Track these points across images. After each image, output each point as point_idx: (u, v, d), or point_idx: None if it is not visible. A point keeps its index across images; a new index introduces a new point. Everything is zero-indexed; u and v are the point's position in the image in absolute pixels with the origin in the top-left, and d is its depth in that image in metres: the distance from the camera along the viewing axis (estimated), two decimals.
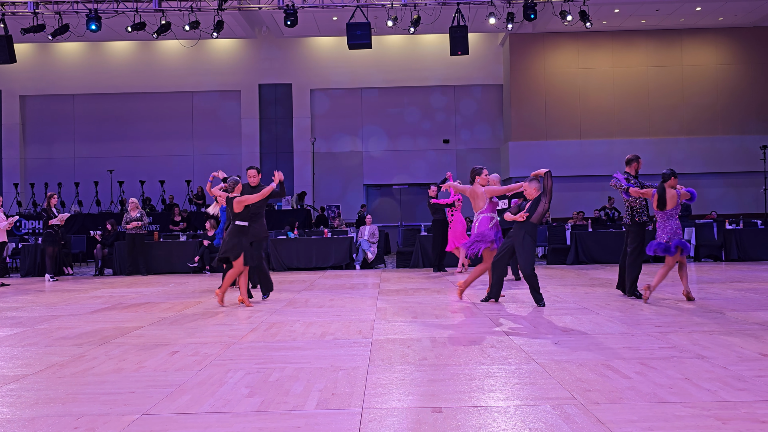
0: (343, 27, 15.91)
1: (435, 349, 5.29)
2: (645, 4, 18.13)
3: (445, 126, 21.94)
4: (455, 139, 21.91)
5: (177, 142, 21.86)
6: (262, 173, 9.36)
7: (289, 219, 17.07)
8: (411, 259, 14.44)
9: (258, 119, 21.83)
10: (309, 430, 3.33)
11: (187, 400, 3.91)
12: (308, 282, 11.59)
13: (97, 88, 21.67)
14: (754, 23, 20.09)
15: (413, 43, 21.52)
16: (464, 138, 21.93)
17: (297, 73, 21.72)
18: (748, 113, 20.15)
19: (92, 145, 21.79)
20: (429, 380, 4.28)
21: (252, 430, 3.36)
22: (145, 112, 21.88)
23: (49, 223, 12.94)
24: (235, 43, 21.65)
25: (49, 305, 8.85)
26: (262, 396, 3.97)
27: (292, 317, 7.19)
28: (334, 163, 21.80)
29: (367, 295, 9.19)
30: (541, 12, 16.75)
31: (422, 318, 6.95)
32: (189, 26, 16.05)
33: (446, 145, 21.88)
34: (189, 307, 8.31)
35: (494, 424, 3.33)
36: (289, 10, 15.53)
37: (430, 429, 3.31)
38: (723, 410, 3.49)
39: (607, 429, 3.22)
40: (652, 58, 20.55)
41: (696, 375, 4.23)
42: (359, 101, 22.00)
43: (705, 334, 5.68)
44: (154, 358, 5.14)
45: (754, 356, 4.76)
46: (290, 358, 5.03)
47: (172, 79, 21.65)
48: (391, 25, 16.01)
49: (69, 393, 4.14)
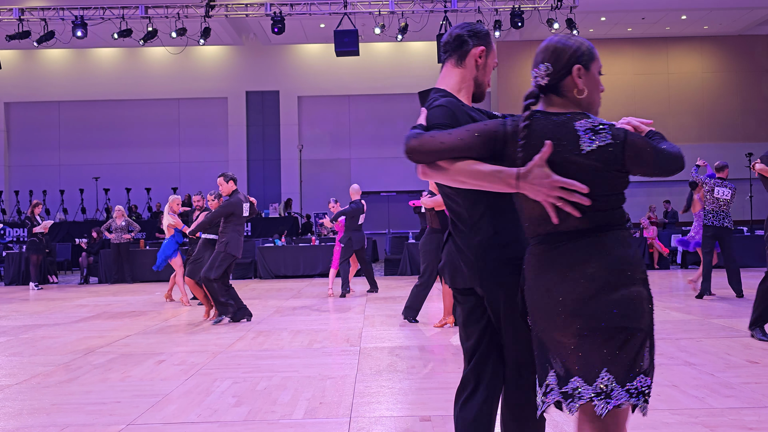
0: (331, 34, 15.91)
1: (423, 357, 5.27)
2: (631, 13, 18.28)
3: None
4: None
5: (163, 150, 21.73)
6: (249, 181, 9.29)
7: (277, 227, 17.02)
8: (399, 267, 14.42)
9: (245, 126, 21.75)
10: None
11: (174, 410, 3.87)
12: (296, 290, 11.53)
13: (82, 95, 21.52)
14: (739, 32, 20.31)
15: (401, 51, 21.56)
16: None
17: (284, 80, 21.68)
18: (734, 121, 20.34)
19: (78, 153, 21.62)
20: (417, 389, 4.26)
21: None
22: (131, 119, 21.73)
23: (34, 231, 12.81)
24: (222, 50, 21.59)
25: (34, 314, 8.74)
26: (249, 405, 3.93)
27: (280, 326, 7.14)
28: (321, 170, 21.75)
29: (355, 303, 9.16)
30: (528, 20, 16.83)
31: (411, 326, 6.93)
32: (176, 33, 15.99)
33: None
34: (175, 315, 8.25)
35: None
36: (276, 17, 15.51)
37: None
38: (710, 417, 3.49)
39: None
40: (639, 66, 20.72)
41: (684, 382, 4.24)
42: (347, 108, 21.99)
43: (692, 341, 5.70)
44: (140, 368, 5.09)
45: (741, 363, 4.78)
46: (278, 367, 4.99)
47: (159, 86, 21.54)
48: (378, 32, 16.03)
49: (54, 403, 4.09)
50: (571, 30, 16.07)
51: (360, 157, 21.81)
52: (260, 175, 21.56)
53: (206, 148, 21.73)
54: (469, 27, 2.31)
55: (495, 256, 2.13)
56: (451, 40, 2.30)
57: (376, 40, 19.60)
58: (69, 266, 16.70)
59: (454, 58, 2.29)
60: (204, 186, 19.95)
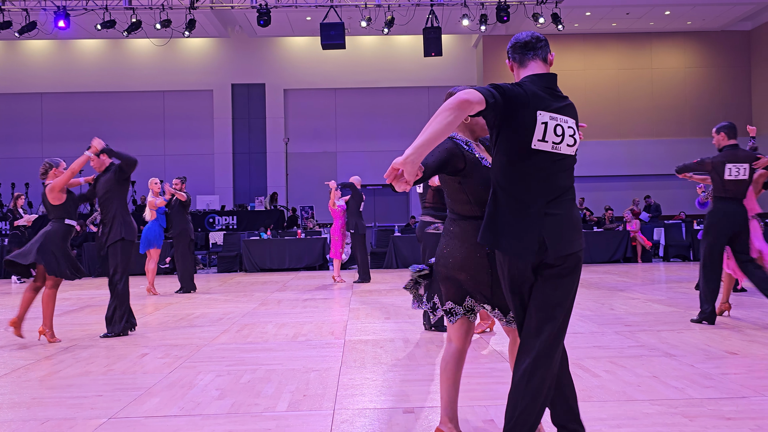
0: (317, 27, 15.83)
1: (407, 349, 5.29)
2: (616, 8, 18.36)
3: (419, 127, 21.61)
4: None
5: (148, 142, 21.55)
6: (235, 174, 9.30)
7: (263, 220, 16.96)
8: (384, 260, 14.44)
9: (231, 119, 21.63)
10: None
11: (156, 403, 3.86)
12: (281, 283, 11.52)
13: (65, 87, 21.29)
14: (722, 27, 20.46)
15: (387, 44, 21.53)
16: None
17: (270, 73, 21.57)
18: (716, 115, 20.50)
19: (61, 145, 21.38)
20: (401, 380, 4.27)
21: None
22: (115, 112, 21.54)
23: (15, 224, 12.68)
24: (208, 42, 21.44)
25: (15, 307, 8.64)
26: (232, 398, 3.93)
27: (265, 318, 7.14)
28: (307, 164, 21.70)
29: (340, 296, 9.17)
30: (513, 14, 16.86)
31: (395, 318, 6.95)
32: (160, 25, 15.85)
33: None
34: (160, 308, 8.21)
35: (466, 424, 3.34)
36: (262, 10, 15.42)
37: (401, 429, 3.30)
38: (690, 407, 3.54)
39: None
40: (623, 61, 20.83)
41: (664, 373, 4.28)
42: (333, 102, 21.93)
43: (673, 332, 5.76)
44: (123, 361, 5.07)
45: (720, 354, 4.84)
46: (262, 360, 4.99)
47: (143, 79, 21.35)
48: (365, 25, 15.98)
49: (34, 397, 4.06)
50: (557, 25, 16.13)
51: (346, 150, 21.77)
52: (246, 168, 21.47)
53: (192, 141, 21.60)
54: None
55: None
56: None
57: (363, 34, 19.54)
58: None
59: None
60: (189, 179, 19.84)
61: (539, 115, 2.50)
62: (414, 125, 21.87)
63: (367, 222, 21.61)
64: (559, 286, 2.56)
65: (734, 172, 5.94)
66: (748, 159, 5.99)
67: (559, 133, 2.52)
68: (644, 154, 20.24)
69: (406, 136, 21.83)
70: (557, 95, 2.60)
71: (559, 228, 2.53)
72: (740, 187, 5.98)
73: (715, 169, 6.03)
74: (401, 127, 21.86)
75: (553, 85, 2.61)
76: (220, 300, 9.01)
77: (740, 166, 5.95)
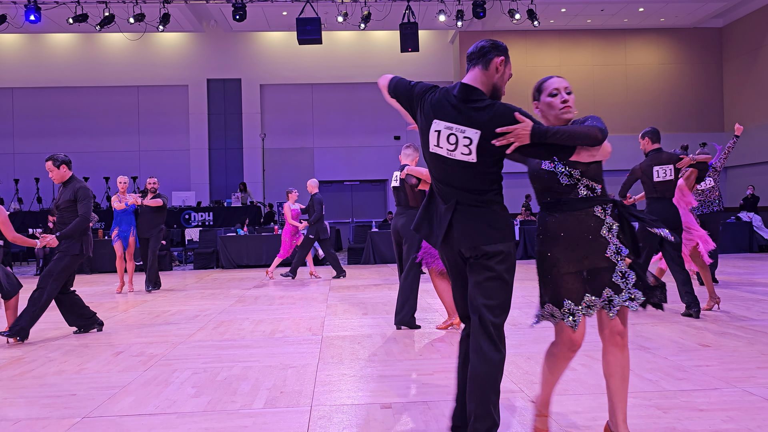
0: (293, 22, 15.77)
1: (385, 345, 5.30)
2: (590, 5, 18.52)
3: (397, 122, 21.98)
4: (406, 135, 21.99)
5: (122, 138, 21.30)
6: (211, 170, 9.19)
7: (239, 216, 16.85)
8: (362, 256, 14.43)
9: (206, 114, 21.45)
10: (256, 430, 3.28)
11: (131, 402, 3.81)
12: (258, 279, 11.46)
13: (37, 82, 20.94)
14: (694, 24, 20.74)
15: (364, 40, 21.48)
16: (416, 134, 21.98)
17: (246, 68, 21.42)
18: (689, 111, 20.83)
19: (33, 141, 21.05)
20: (379, 376, 4.27)
21: (198, 430, 3.30)
22: (88, 107, 21.24)
23: None
24: (182, 36, 21.22)
25: None
26: (209, 396, 3.90)
27: (241, 315, 7.09)
28: (284, 159, 21.60)
29: (317, 292, 9.15)
30: (490, 10, 16.92)
31: (373, 314, 6.95)
32: (134, 19, 15.65)
33: (397, 141, 21.94)
34: (135, 306, 8.12)
35: (443, 419, 3.35)
36: (237, 4, 15.29)
37: (379, 425, 3.30)
38: (664, 399, 3.59)
39: (552, 420, 3.27)
40: (598, 57, 21.02)
41: (639, 366, 4.34)
42: (310, 97, 21.84)
43: (648, 326, 5.83)
44: (97, 359, 5.00)
45: (693, 347, 4.92)
46: (239, 357, 4.96)
47: (117, 74, 21.07)
48: (341, 20, 15.94)
49: (5, 397, 3.99)
50: (532, 21, 16.22)
51: (323, 146, 21.71)
52: (222, 163, 21.30)
53: (167, 137, 21.38)
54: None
55: None
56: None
57: (339, 29, 19.48)
58: (24, 257, 16.29)
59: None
60: (164, 175, 19.64)
61: (434, 123, 2.69)
62: (390, 121, 21.89)
63: (345, 218, 21.64)
64: (481, 278, 2.67)
65: (661, 174, 6.32)
66: (671, 160, 6.34)
67: (452, 142, 2.65)
68: (619, 150, 20.33)
69: (383, 131, 21.84)
70: (470, 107, 2.63)
71: (466, 225, 2.67)
72: (668, 187, 6.33)
73: (644, 173, 6.44)
74: (378, 123, 21.85)
75: (468, 96, 2.65)
76: (196, 297, 8.94)
77: (666, 168, 6.31)
